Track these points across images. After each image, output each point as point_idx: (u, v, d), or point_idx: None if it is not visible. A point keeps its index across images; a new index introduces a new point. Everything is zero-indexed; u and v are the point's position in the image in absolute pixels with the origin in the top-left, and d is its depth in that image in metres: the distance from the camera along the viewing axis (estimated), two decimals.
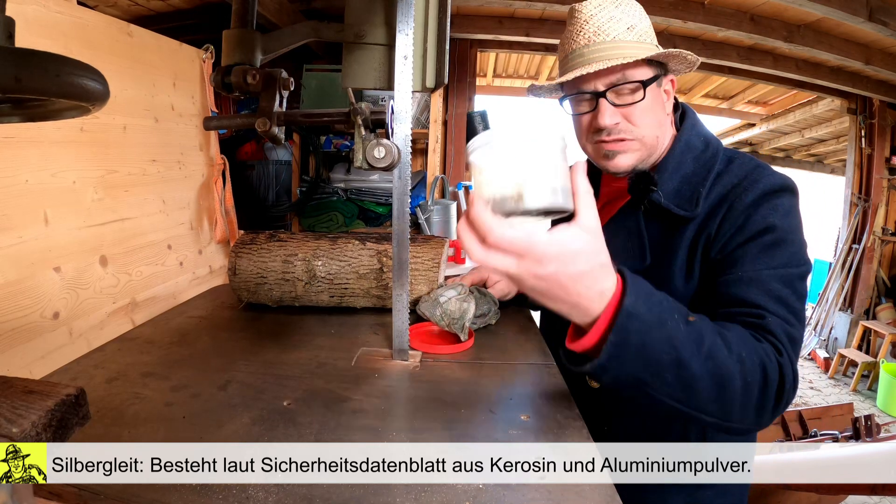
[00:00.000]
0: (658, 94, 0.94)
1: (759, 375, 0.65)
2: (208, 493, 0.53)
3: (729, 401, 0.63)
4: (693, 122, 0.99)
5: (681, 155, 0.93)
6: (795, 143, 6.72)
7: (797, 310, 0.76)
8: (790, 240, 0.79)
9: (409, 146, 0.81)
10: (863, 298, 4.89)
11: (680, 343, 0.60)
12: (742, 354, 0.64)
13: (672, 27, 3.50)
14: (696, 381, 0.61)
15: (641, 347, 0.59)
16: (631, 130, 0.92)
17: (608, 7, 0.92)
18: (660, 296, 0.63)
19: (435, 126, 3.47)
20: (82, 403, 0.46)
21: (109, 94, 0.46)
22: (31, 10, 0.89)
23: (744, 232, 0.80)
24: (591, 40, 0.91)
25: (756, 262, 0.78)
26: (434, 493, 0.53)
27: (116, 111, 1.12)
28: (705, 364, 0.61)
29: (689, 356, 0.60)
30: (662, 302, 0.62)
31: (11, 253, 0.85)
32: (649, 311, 0.59)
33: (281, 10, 2.88)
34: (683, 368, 0.60)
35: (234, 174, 2.08)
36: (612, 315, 0.58)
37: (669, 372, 0.60)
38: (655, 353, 0.59)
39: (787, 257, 0.78)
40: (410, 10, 0.75)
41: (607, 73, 0.90)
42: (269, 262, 1.09)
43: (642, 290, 0.61)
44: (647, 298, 0.60)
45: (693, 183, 0.89)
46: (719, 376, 0.62)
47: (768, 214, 0.80)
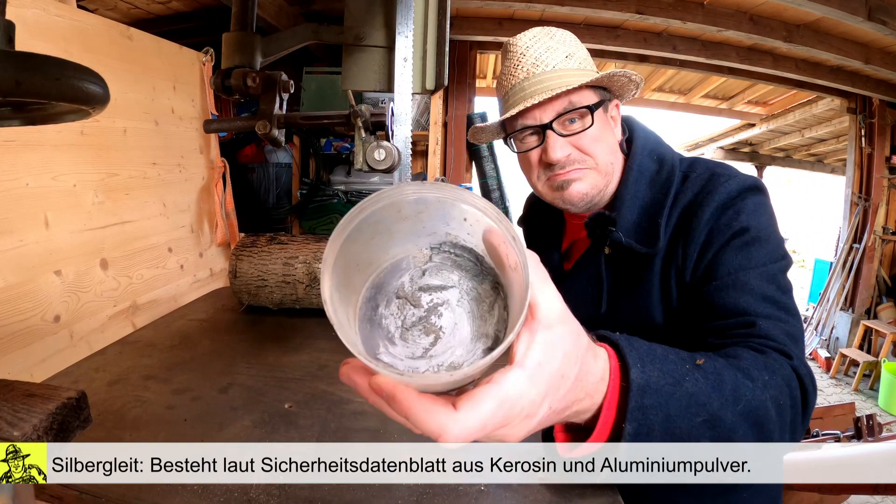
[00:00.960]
0: (606, 119, 0.90)
1: (786, 394, 0.60)
2: (209, 494, 0.53)
3: (768, 435, 0.58)
4: (643, 140, 0.93)
5: (635, 184, 0.88)
6: (795, 142, 6.72)
7: (787, 304, 0.71)
8: (764, 236, 0.75)
9: (410, 148, 0.81)
10: (864, 298, 4.89)
11: (706, 398, 0.52)
12: (765, 378, 0.59)
13: (672, 27, 3.50)
14: (733, 432, 0.53)
15: (666, 423, 0.49)
16: (584, 160, 0.88)
17: (543, 38, 0.89)
18: (659, 349, 0.53)
19: (435, 128, 3.47)
20: (83, 407, 0.46)
21: (109, 97, 0.46)
22: (30, 14, 0.90)
23: (712, 245, 0.76)
24: (530, 72, 0.87)
25: (732, 264, 0.73)
26: (436, 493, 0.53)
27: (116, 114, 1.12)
28: (735, 408, 0.54)
29: (719, 408, 0.52)
30: (668, 356, 0.53)
31: (12, 256, 0.85)
32: (661, 376, 0.49)
33: (280, 12, 2.88)
34: (718, 425, 0.52)
35: (235, 177, 2.08)
36: (617, 400, 0.47)
37: (705, 435, 0.52)
38: (684, 421, 0.50)
39: (764, 254, 0.74)
40: (410, 13, 0.75)
41: (552, 103, 0.86)
42: (270, 264, 1.09)
43: (643, 353, 0.50)
44: (651, 361, 0.50)
45: (651, 213, 0.84)
46: (754, 415, 0.56)
47: (733, 220, 0.76)
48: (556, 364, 0.38)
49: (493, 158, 3.79)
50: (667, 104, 5.54)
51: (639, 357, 0.49)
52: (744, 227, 0.75)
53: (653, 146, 0.93)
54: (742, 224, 0.75)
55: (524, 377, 0.36)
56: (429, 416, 0.34)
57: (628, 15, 3.21)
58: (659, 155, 0.91)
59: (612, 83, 0.89)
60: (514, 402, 0.36)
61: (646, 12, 3.18)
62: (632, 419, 0.46)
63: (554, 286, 0.39)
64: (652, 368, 0.49)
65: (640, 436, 0.47)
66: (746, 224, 0.75)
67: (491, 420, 0.35)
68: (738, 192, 0.78)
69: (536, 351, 0.37)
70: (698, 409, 0.51)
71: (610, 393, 0.46)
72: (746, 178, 0.81)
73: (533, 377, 0.37)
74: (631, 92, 0.94)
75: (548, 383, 0.38)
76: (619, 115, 0.95)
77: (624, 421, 0.46)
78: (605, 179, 0.90)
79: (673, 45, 3.74)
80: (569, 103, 0.86)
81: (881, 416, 3.76)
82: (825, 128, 5.83)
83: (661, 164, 0.89)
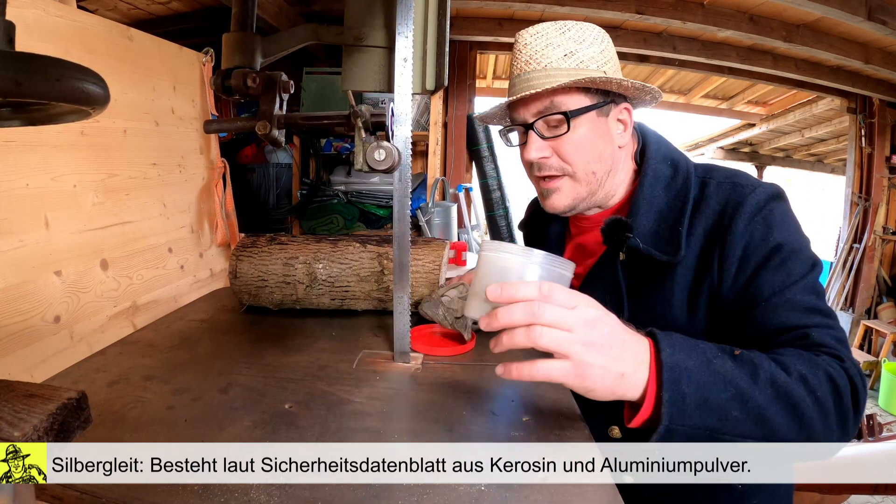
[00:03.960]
0: (599, 124, 0.87)
1: (828, 388, 0.63)
2: (210, 495, 0.53)
3: (808, 422, 0.61)
4: (656, 146, 0.92)
5: (651, 189, 0.87)
6: (795, 142, 6.71)
7: (828, 311, 0.75)
8: (796, 248, 0.77)
9: (410, 148, 0.81)
10: (864, 298, 4.88)
11: (734, 377, 0.60)
12: (802, 372, 0.63)
13: (672, 27, 3.50)
14: (765, 409, 0.59)
15: (698, 394, 0.58)
16: (561, 166, 0.88)
17: (547, 34, 0.86)
18: (696, 341, 0.63)
19: (435, 128, 3.47)
20: (84, 407, 0.46)
21: (110, 97, 0.46)
22: (31, 15, 0.90)
23: (749, 261, 0.77)
24: (522, 70, 0.87)
25: (775, 284, 0.75)
26: (436, 493, 0.53)
27: (117, 115, 1.12)
28: (767, 391, 0.60)
29: (749, 387, 0.59)
30: (699, 345, 0.62)
31: (12, 257, 0.85)
32: (690, 357, 0.59)
33: (280, 13, 2.88)
34: (748, 401, 0.59)
35: (235, 177, 2.08)
36: (656, 377, 0.58)
37: (735, 409, 0.59)
38: (714, 394, 0.58)
39: (800, 267, 0.76)
40: (410, 13, 0.75)
41: (534, 102, 0.86)
42: (270, 265, 1.09)
43: (676, 341, 0.61)
44: (682, 346, 0.60)
45: (670, 220, 0.83)
46: (787, 398, 0.60)
47: (767, 234, 0.77)
48: (607, 316, 0.60)
49: (493, 158, 3.79)
50: (667, 104, 5.53)
51: (670, 344, 0.60)
52: (779, 244, 0.76)
53: (665, 151, 0.92)
54: (777, 240, 0.76)
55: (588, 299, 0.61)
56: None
57: (628, 15, 3.21)
58: (673, 160, 0.90)
59: (607, 87, 0.86)
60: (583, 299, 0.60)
61: (646, 12, 3.18)
62: (667, 390, 0.57)
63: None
64: (681, 351, 0.59)
65: (676, 405, 0.57)
66: (781, 240, 0.77)
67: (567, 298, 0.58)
68: (766, 202, 0.79)
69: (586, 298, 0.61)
70: (726, 384, 0.59)
71: (651, 372, 0.59)
72: (769, 187, 0.82)
73: (593, 303, 0.60)
74: (646, 97, 0.91)
75: (602, 314, 0.60)
76: (630, 119, 0.92)
77: (663, 392, 0.57)
78: (587, 189, 0.90)
79: (673, 45, 3.74)
80: (550, 104, 0.85)
81: (881, 416, 3.76)
82: (825, 128, 5.83)
83: (675, 170, 0.88)
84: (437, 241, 1.18)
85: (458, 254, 2.58)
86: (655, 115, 5.92)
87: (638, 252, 0.82)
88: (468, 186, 3.81)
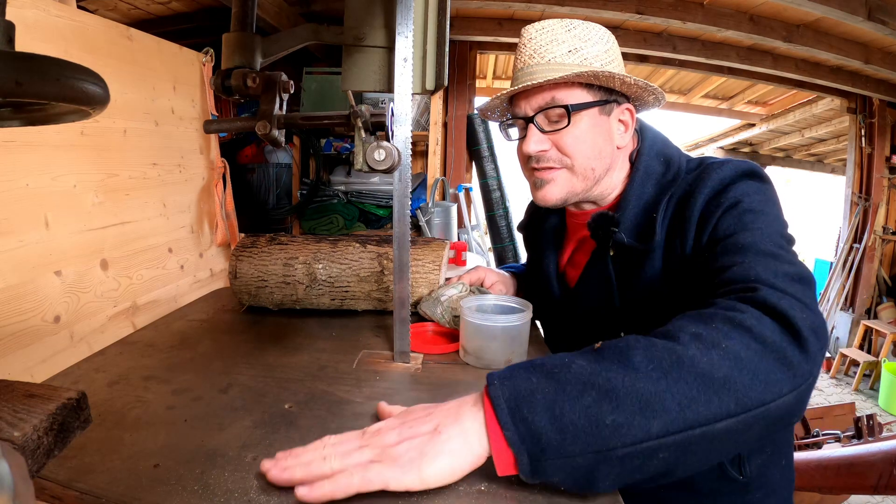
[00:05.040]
0: (600, 122, 0.88)
1: (735, 333, 0.51)
2: (210, 495, 0.53)
3: (722, 385, 0.48)
4: (651, 142, 0.93)
5: (641, 185, 0.87)
6: (795, 142, 6.72)
7: (788, 257, 0.64)
8: (758, 209, 0.71)
9: (410, 148, 0.81)
10: (864, 298, 4.89)
11: (591, 373, 0.49)
12: (692, 330, 0.52)
13: (672, 27, 3.51)
14: (648, 393, 0.47)
15: (549, 415, 0.47)
16: (560, 159, 0.88)
17: (553, 30, 0.87)
18: (540, 359, 0.54)
19: (435, 128, 3.47)
20: (83, 407, 0.46)
21: (110, 97, 0.46)
22: (30, 15, 0.90)
23: (708, 223, 0.74)
24: (526, 63, 0.88)
25: (727, 230, 0.70)
26: (436, 494, 0.53)
27: (116, 115, 1.12)
28: (646, 370, 0.49)
29: (614, 376, 0.49)
30: (539, 362, 0.53)
31: (12, 257, 0.85)
32: (526, 378, 0.51)
33: (280, 13, 2.88)
34: (617, 393, 0.48)
35: (235, 177, 2.08)
36: (494, 419, 0.50)
37: (606, 411, 0.47)
38: (570, 406, 0.48)
39: (761, 222, 0.69)
40: (410, 13, 0.75)
41: (535, 96, 0.86)
42: (270, 265, 1.09)
43: (507, 371, 0.53)
44: (513, 373, 0.52)
45: (649, 211, 0.84)
46: (677, 367, 0.48)
47: (723, 196, 0.74)
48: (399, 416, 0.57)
49: (493, 158, 3.79)
50: (667, 104, 5.51)
51: (498, 376, 0.52)
52: (736, 201, 0.72)
53: (660, 147, 0.92)
54: (735, 198, 0.73)
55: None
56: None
57: (628, 15, 3.21)
58: (666, 157, 0.90)
59: (611, 84, 0.87)
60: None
61: (646, 12, 3.18)
62: (506, 426, 0.49)
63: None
64: (513, 378, 0.51)
65: (525, 438, 0.48)
66: (739, 199, 0.72)
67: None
68: (732, 177, 0.76)
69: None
70: (582, 388, 0.48)
71: (488, 414, 0.51)
72: (741, 164, 0.78)
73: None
74: (649, 98, 0.91)
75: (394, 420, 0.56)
76: (632, 120, 0.92)
77: (505, 431, 0.49)
78: (584, 184, 0.90)
79: (673, 45, 3.74)
80: (552, 99, 0.86)
81: (881, 416, 3.76)
82: (825, 128, 5.83)
83: (668, 166, 0.89)
84: (437, 241, 1.18)
85: (458, 254, 2.57)
86: (655, 115, 5.92)
87: (623, 245, 0.84)
88: (468, 186, 3.81)
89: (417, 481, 0.49)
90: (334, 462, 0.51)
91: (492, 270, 1.19)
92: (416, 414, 0.56)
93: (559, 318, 1.06)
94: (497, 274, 1.19)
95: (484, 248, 3.96)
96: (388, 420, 0.57)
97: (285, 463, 0.52)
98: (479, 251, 3.74)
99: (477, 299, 0.96)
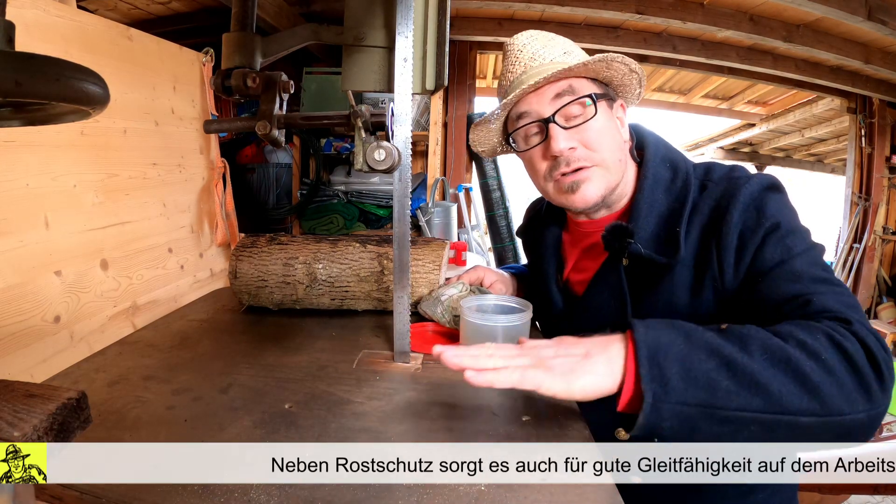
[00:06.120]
0: (611, 116, 0.89)
1: (833, 351, 0.58)
2: (210, 495, 0.53)
3: (816, 387, 0.55)
4: (655, 147, 0.92)
5: (651, 192, 0.87)
6: (795, 142, 6.71)
7: (835, 280, 0.71)
8: (794, 228, 0.76)
9: (410, 148, 0.81)
10: (864, 298, 4.88)
11: (718, 346, 0.58)
12: (800, 337, 0.59)
13: (672, 27, 3.50)
14: (758, 375, 0.55)
15: (678, 366, 0.56)
16: (590, 156, 0.86)
17: (539, 37, 0.90)
18: (675, 321, 0.62)
19: (435, 128, 3.47)
20: (84, 407, 0.46)
21: (109, 97, 0.46)
22: (30, 15, 0.90)
23: (746, 247, 0.76)
24: (527, 66, 0.88)
25: (775, 258, 0.73)
26: (436, 493, 0.53)
27: (116, 115, 1.12)
28: (760, 358, 0.56)
29: (736, 353, 0.57)
30: (678, 323, 0.62)
31: (12, 257, 0.85)
32: (666, 334, 0.59)
33: (280, 13, 2.88)
34: (737, 368, 0.56)
35: (235, 177, 2.09)
36: (634, 357, 0.58)
37: (724, 377, 0.55)
38: (697, 364, 0.56)
39: (800, 243, 0.75)
40: (410, 13, 0.75)
41: (552, 90, 0.85)
42: (270, 265, 1.09)
43: (651, 322, 0.61)
44: (658, 325, 0.60)
45: (670, 223, 0.83)
46: (785, 363, 0.56)
47: (761, 219, 0.76)
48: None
49: (493, 159, 3.79)
50: (667, 104, 5.54)
51: (643, 324, 0.60)
52: (775, 224, 0.75)
53: (664, 152, 0.91)
54: (772, 221, 0.76)
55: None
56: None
57: (628, 15, 3.21)
58: (672, 162, 0.90)
59: (611, 72, 0.88)
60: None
61: (646, 12, 3.18)
62: (643, 364, 0.56)
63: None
64: (657, 329, 0.60)
65: (655, 378, 0.56)
66: (776, 220, 0.76)
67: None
68: (760, 191, 0.79)
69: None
70: (710, 354, 0.57)
71: (629, 354, 0.59)
72: (763, 178, 0.81)
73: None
74: (634, 91, 0.92)
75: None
76: (626, 117, 0.93)
77: (641, 368, 0.56)
78: (616, 177, 0.89)
79: (673, 45, 3.73)
80: (568, 87, 0.85)
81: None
82: (825, 128, 5.83)
83: (675, 172, 0.88)
84: (437, 241, 1.18)
85: (458, 254, 2.58)
86: (656, 115, 5.92)
87: (640, 257, 0.83)
88: (468, 186, 3.81)
89: (564, 389, 0.57)
90: (498, 360, 0.59)
91: (491, 270, 1.19)
92: (569, 340, 0.63)
93: (562, 326, 1.03)
94: (496, 273, 1.18)
95: (484, 248, 3.96)
96: (544, 342, 0.64)
97: (455, 351, 0.60)
98: (479, 251, 3.74)
99: (477, 299, 0.96)
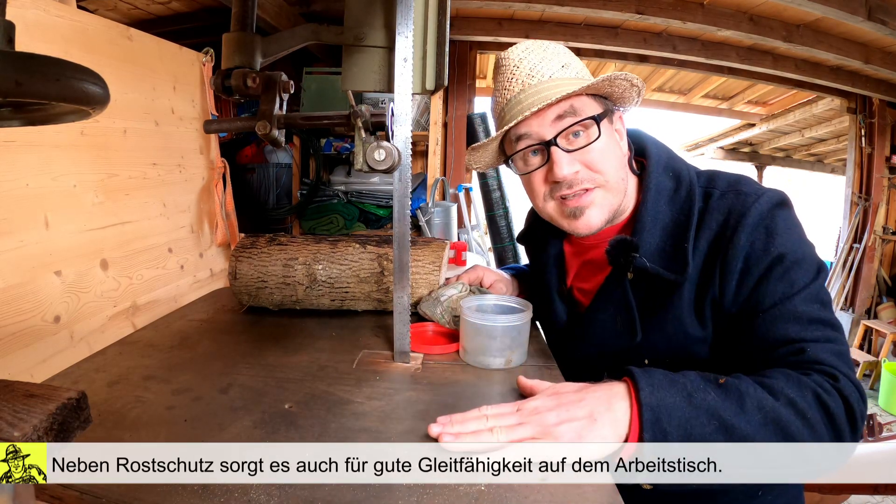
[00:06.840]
0: (612, 132, 0.86)
1: (818, 412, 0.63)
2: (210, 495, 0.53)
3: (799, 446, 0.61)
4: (657, 156, 0.89)
5: (654, 204, 0.84)
6: (795, 142, 6.71)
7: (831, 320, 0.73)
8: (800, 257, 0.75)
9: (410, 148, 0.81)
10: (864, 298, 4.88)
11: (718, 409, 0.60)
12: (790, 395, 0.62)
13: (671, 27, 3.51)
14: (752, 438, 0.60)
15: (680, 431, 0.59)
16: (593, 178, 0.83)
17: (535, 50, 0.86)
18: (677, 375, 0.64)
19: (435, 128, 3.47)
20: (84, 407, 0.46)
21: (110, 97, 0.46)
22: (30, 15, 0.90)
23: (751, 273, 0.75)
24: (525, 84, 0.84)
25: (776, 294, 0.73)
26: (436, 493, 0.53)
27: (116, 115, 1.12)
28: (754, 419, 0.60)
29: (733, 416, 0.60)
30: (680, 379, 0.63)
31: (12, 257, 0.85)
32: (670, 394, 0.61)
33: (280, 13, 2.88)
34: (734, 432, 0.60)
35: (235, 177, 2.09)
36: (638, 417, 0.60)
37: (721, 440, 0.59)
38: (697, 430, 0.59)
39: (803, 275, 0.74)
40: (410, 13, 0.75)
41: (553, 112, 0.82)
42: (270, 266, 1.09)
43: (655, 378, 0.62)
44: (661, 383, 0.62)
45: (676, 236, 0.81)
46: (775, 424, 0.61)
47: (769, 244, 0.75)
48: (553, 394, 0.65)
49: None
50: (667, 104, 5.54)
51: (648, 382, 0.61)
52: (781, 254, 0.74)
53: (666, 161, 0.89)
54: (779, 250, 0.74)
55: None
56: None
57: (628, 15, 3.21)
58: (674, 170, 0.87)
59: (612, 88, 0.85)
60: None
61: (646, 12, 3.18)
62: (647, 428, 0.59)
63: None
64: (662, 388, 0.61)
65: (658, 440, 0.58)
66: (783, 250, 0.74)
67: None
68: (769, 210, 0.77)
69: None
70: (710, 418, 0.60)
71: (633, 411, 0.61)
72: (772, 195, 0.79)
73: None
74: (633, 99, 0.90)
75: (548, 397, 0.65)
76: (624, 127, 0.91)
77: (643, 432, 0.59)
78: (619, 197, 0.87)
79: (673, 45, 3.74)
80: (570, 107, 0.82)
81: (881, 416, 3.76)
82: (825, 128, 5.83)
83: (678, 181, 0.86)
84: (437, 241, 1.18)
85: (458, 254, 2.58)
86: (656, 115, 5.93)
87: (645, 271, 0.81)
88: (468, 186, 3.81)
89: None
90: (501, 435, 0.59)
91: (490, 270, 1.19)
92: (569, 397, 0.63)
93: (567, 344, 1.01)
94: (496, 273, 1.18)
95: (484, 248, 3.96)
96: (541, 399, 0.64)
97: (453, 429, 0.60)
98: (479, 251, 3.74)
99: (477, 299, 0.96)
